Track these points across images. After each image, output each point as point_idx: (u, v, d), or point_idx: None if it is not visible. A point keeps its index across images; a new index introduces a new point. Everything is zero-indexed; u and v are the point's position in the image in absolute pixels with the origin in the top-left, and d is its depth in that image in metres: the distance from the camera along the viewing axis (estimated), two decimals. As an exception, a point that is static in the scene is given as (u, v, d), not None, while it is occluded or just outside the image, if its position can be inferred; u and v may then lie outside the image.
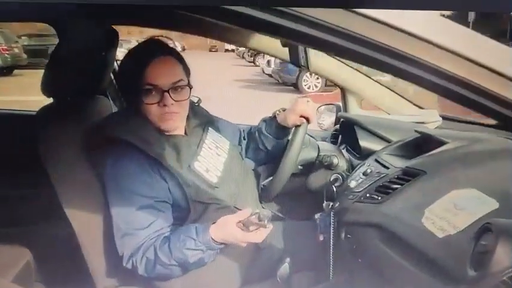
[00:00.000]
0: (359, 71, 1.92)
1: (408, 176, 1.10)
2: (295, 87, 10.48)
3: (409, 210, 0.98)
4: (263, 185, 1.48)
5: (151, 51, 1.14)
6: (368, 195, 1.17)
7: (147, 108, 1.15)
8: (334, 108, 2.08)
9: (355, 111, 1.94)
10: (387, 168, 1.20)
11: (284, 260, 1.27)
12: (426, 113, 1.66)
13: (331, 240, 1.33)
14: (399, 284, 0.93)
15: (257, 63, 16.32)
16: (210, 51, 31.78)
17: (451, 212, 0.87)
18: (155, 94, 1.13)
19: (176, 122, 1.19)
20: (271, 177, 1.47)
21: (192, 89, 1.20)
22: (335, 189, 1.47)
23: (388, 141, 1.47)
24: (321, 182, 1.54)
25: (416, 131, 1.28)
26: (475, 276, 0.70)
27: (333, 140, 1.89)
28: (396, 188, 1.09)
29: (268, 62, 12.28)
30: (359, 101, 1.98)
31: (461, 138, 1.15)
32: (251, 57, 17.51)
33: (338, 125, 1.87)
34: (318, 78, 10.04)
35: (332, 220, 1.42)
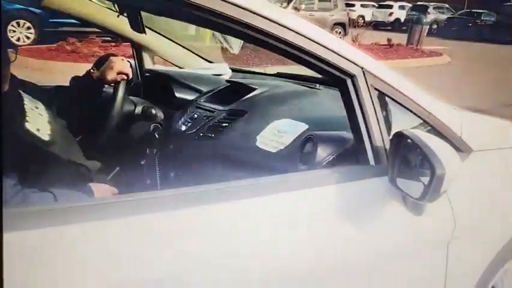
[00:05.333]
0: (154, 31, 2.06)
1: (232, 116, 1.40)
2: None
3: (244, 139, 1.29)
4: (80, 140, 1.49)
5: None
6: (201, 134, 1.41)
7: None
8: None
9: (149, 66, 2.08)
10: (213, 112, 1.47)
11: None
12: (219, 67, 1.98)
13: (158, 181, 1.52)
14: None
15: None
16: None
17: (276, 135, 1.22)
18: None
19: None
20: (82, 134, 1.49)
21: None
22: (157, 136, 1.64)
23: (198, 91, 1.72)
24: (142, 132, 1.67)
25: (227, 81, 1.58)
26: (304, 168, 1.07)
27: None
28: (226, 126, 1.37)
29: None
30: (152, 57, 2.12)
31: (263, 85, 1.53)
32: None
33: (139, 79, 1.98)
34: (29, 28, 8.57)
35: (157, 163, 1.60)
